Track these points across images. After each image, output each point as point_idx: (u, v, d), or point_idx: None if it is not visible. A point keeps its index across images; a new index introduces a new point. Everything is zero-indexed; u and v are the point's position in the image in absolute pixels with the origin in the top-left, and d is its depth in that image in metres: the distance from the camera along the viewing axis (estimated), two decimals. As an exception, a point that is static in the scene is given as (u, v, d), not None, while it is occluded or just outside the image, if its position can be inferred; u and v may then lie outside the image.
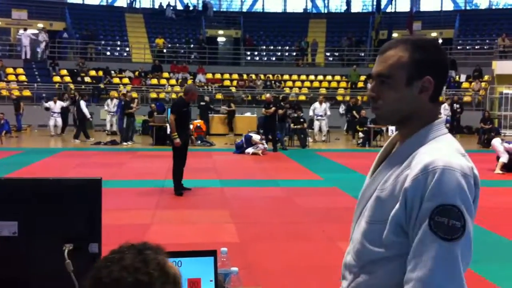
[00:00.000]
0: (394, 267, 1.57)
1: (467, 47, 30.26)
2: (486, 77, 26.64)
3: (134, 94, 22.06)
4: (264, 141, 16.29)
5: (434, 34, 31.56)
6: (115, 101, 21.63)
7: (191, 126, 9.98)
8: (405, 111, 1.64)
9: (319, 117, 20.21)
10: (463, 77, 27.53)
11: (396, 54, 1.63)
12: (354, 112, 21.06)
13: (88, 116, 19.78)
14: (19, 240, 2.21)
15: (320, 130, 20.30)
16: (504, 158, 12.51)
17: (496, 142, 13.14)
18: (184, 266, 2.12)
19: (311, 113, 20.42)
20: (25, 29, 28.16)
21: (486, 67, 26.58)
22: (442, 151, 1.55)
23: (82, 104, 19.37)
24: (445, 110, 21.46)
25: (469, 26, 31.33)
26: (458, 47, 30.37)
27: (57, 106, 20.67)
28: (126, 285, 1.13)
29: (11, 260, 2.22)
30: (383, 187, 1.64)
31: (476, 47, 29.94)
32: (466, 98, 25.80)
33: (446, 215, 1.46)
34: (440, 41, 31.39)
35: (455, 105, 22.66)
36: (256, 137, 16.18)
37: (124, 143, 17.96)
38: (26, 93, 24.90)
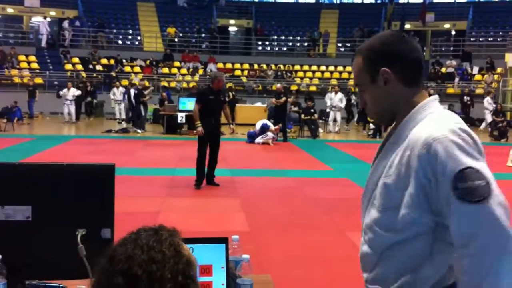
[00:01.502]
0: (413, 248, 1.60)
1: (480, 39, 29.98)
2: (499, 70, 26.41)
3: (146, 83, 22.05)
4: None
5: (447, 26, 31.31)
6: (121, 89, 21.72)
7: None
8: (387, 105, 1.74)
9: (334, 108, 20.07)
10: (475, 69, 27.31)
11: (356, 63, 1.77)
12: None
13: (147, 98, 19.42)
14: (33, 224, 2.23)
15: (335, 120, 20.17)
16: None
17: None
18: (195, 253, 2.11)
19: (328, 103, 20.24)
20: (45, 17, 28.25)
21: (499, 59, 26.33)
22: (435, 124, 1.60)
23: (132, 92, 19.46)
24: (489, 105, 21.14)
25: (483, 18, 31.02)
26: (471, 39, 30.10)
27: (70, 93, 20.70)
28: (139, 262, 1.16)
29: (25, 244, 2.24)
30: (388, 173, 1.67)
31: (489, 39, 29.66)
32: (479, 91, 25.60)
33: (467, 179, 1.46)
34: (453, 32, 31.15)
35: (465, 97, 22.48)
36: (272, 127, 16.16)
37: (138, 131, 18.08)
38: (38, 80, 25.01)
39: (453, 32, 31.31)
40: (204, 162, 8.86)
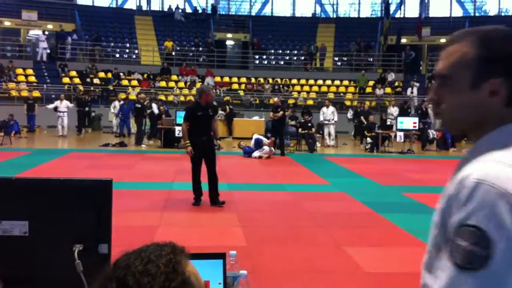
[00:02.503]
0: None
1: (476, 54, 30.15)
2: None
3: (144, 96, 22.10)
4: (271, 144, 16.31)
5: (443, 40, 31.48)
6: (116, 103, 21.89)
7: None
8: (472, 119, 1.34)
9: (326, 121, 20.19)
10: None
11: (459, 49, 1.35)
12: (362, 118, 21.01)
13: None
14: (30, 239, 2.22)
15: (329, 134, 20.27)
16: None
17: None
18: (193, 268, 2.12)
19: (321, 118, 20.39)
20: (43, 32, 28.36)
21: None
22: (490, 161, 1.26)
23: (154, 106, 19.49)
24: None
25: (478, 32, 31.22)
26: (467, 53, 30.23)
27: (63, 105, 20.64)
28: (133, 272, 1.17)
29: (22, 259, 2.23)
30: (438, 205, 1.38)
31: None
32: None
33: (466, 238, 1.18)
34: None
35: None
36: (265, 140, 16.21)
37: (143, 145, 18.13)
38: (36, 93, 25.03)
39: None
40: (199, 179, 8.52)
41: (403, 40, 31.49)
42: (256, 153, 15.70)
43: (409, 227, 7.48)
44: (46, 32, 28.95)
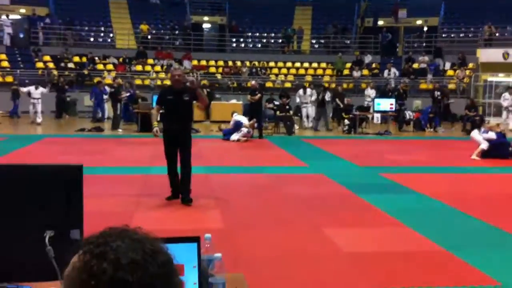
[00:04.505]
0: None
1: (452, 35, 30.36)
2: (470, 65, 26.78)
3: (120, 81, 21.82)
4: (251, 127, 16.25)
5: (419, 22, 31.63)
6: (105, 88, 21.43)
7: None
8: None
9: (304, 104, 20.19)
10: (447, 65, 27.66)
11: None
12: (337, 100, 20.99)
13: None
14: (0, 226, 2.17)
15: (307, 116, 20.28)
16: (484, 145, 12.64)
17: (474, 134, 13.40)
18: (167, 252, 2.09)
19: (297, 100, 20.39)
20: (7, 16, 27.76)
21: (471, 55, 26.70)
22: None
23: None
24: (505, 100, 21.30)
25: (454, 14, 31.41)
26: (443, 35, 30.46)
27: (37, 91, 20.13)
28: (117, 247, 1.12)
29: (-9, 247, 2.18)
30: None
31: (461, 35, 30.05)
32: (451, 86, 25.91)
33: None
34: (425, 28, 31.48)
35: (436, 92, 22.74)
36: (246, 123, 16.12)
37: (119, 130, 17.97)
38: (9, 79, 24.57)
39: (425, 28, 31.64)
40: (173, 171, 7.74)
41: (380, 22, 31.53)
42: (234, 136, 15.63)
43: (386, 207, 7.55)
44: (12, 17, 28.30)
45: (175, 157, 7.67)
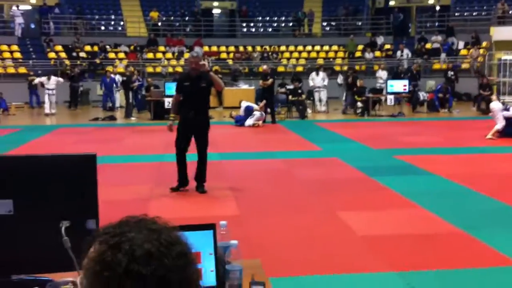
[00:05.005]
0: None
1: (465, 14, 29.96)
2: (484, 44, 26.45)
3: (132, 69, 21.79)
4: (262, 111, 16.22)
5: (431, 1, 31.23)
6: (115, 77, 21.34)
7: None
8: None
9: (317, 88, 20.07)
10: (461, 44, 27.33)
11: None
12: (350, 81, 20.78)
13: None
14: (15, 218, 2.18)
15: (320, 100, 20.16)
16: (499, 125, 12.41)
17: (495, 105, 12.93)
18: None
19: (310, 83, 20.24)
20: (17, 6, 27.84)
21: (484, 33, 26.35)
22: None
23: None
24: None
25: (467, -8, 31.00)
26: (456, 14, 30.07)
27: (51, 82, 19.94)
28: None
29: (8, 238, 2.19)
30: None
31: (474, 14, 29.65)
32: (464, 65, 25.64)
33: None
34: (438, 8, 31.08)
35: (449, 72, 22.50)
36: (256, 106, 16.12)
37: (132, 118, 18.01)
38: (22, 70, 24.71)
39: (437, 8, 31.24)
40: (182, 161, 7.57)
41: (391, 3, 31.20)
42: (248, 121, 15.60)
43: (401, 189, 7.51)
44: (22, 7, 28.37)
45: (187, 145, 7.51)
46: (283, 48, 28.74)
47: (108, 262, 1.06)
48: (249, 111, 15.88)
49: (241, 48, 28.18)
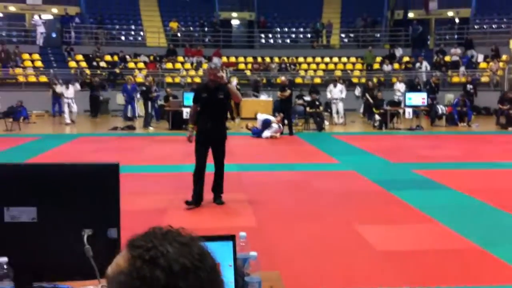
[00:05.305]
0: None
1: (484, 27, 29.77)
2: (504, 57, 26.24)
3: (151, 79, 21.95)
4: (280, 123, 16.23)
5: (450, 14, 31.09)
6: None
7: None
8: None
9: (334, 99, 20.04)
10: (480, 57, 27.14)
11: None
12: (367, 95, 20.81)
13: None
14: (39, 225, 2.21)
15: (337, 112, 20.13)
16: None
17: None
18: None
19: (328, 95, 20.24)
20: (39, 16, 28.26)
21: (504, 46, 26.15)
22: None
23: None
24: None
25: (486, 4, 30.76)
26: (475, 27, 29.90)
27: (70, 91, 20.20)
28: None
29: (31, 245, 2.22)
30: None
31: (494, 26, 29.45)
32: (484, 79, 25.44)
33: None
34: (457, 20, 30.92)
35: (468, 85, 22.34)
36: (273, 119, 16.14)
37: (150, 128, 18.16)
38: (43, 78, 25.03)
39: (457, 20, 31.10)
40: (200, 176, 7.42)
41: (410, 15, 31.13)
42: (266, 133, 15.61)
43: (419, 204, 7.45)
44: (44, 17, 28.79)
45: (206, 157, 7.43)
46: (301, 59, 28.78)
47: (147, 278, 1.07)
48: (266, 124, 15.90)
49: (259, 59, 28.28)
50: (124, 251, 1.15)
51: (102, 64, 26.70)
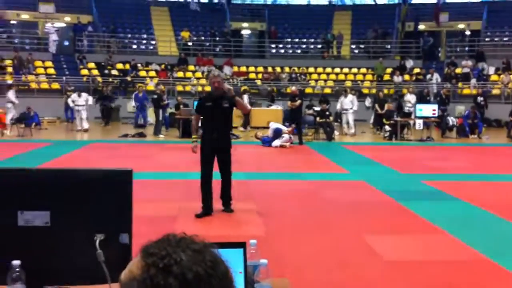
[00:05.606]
0: None
1: (495, 39, 29.70)
2: (515, 70, 26.13)
3: (163, 88, 22.04)
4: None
5: (461, 26, 31.05)
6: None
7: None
8: None
9: (344, 110, 20.04)
10: (491, 70, 27.06)
11: None
12: (377, 106, 20.79)
13: None
14: (52, 230, 2.23)
15: (347, 123, 20.11)
16: None
17: None
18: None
19: (338, 106, 20.26)
20: (52, 24, 28.53)
21: (516, 59, 26.06)
22: None
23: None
24: None
25: (497, 17, 30.72)
26: (486, 39, 29.84)
27: (81, 99, 20.32)
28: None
29: (44, 249, 2.25)
30: None
31: (505, 39, 29.37)
32: (495, 91, 25.34)
33: None
34: (468, 32, 30.88)
35: (479, 98, 22.25)
36: (285, 129, 16.17)
37: (161, 136, 18.25)
38: (55, 86, 25.23)
39: (467, 32, 31.05)
40: (208, 186, 7.33)
41: (421, 27, 31.12)
42: (277, 142, 15.63)
43: (429, 215, 7.43)
44: (57, 25, 29.06)
45: (212, 166, 7.32)
46: (311, 69, 28.83)
47: (160, 285, 1.10)
48: (277, 133, 15.92)
49: (269, 69, 28.36)
50: (138, 257, 1.17)
51: (114, 72, 26.87)
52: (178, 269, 1.10)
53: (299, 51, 31.74)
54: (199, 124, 7.72)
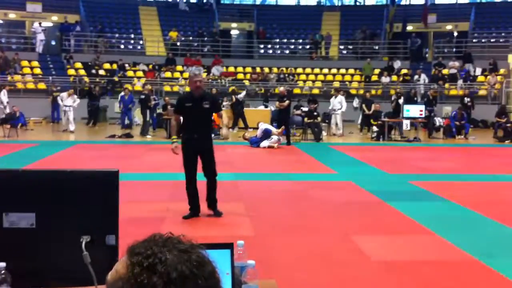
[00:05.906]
0: None
1: (483, 40, 29.93)
2: (502, 71, 26.36)
3: (150, 88, 21.96)
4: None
5: (449, 27, 31.26)
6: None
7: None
8: None
9: (333, 111, 20.10)
10: (478, 71, 27.26)
11: None
12: (364, 106, 20.86)
13: None
14: (37, 231, 2.22)
15: (336, 124, 20.16)
16: None
17: None
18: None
19: (330, 107, 20.31)
20: (39, 23, 28.32)
21: (502, 60, 26.28)
22: None
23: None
24: None
25: (485, 18, 30.98)
26: (474, 40, 30.06)
27: (68, 99, 20.08)
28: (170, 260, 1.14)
29: (29, 251, 2.23)
30: None
31: (492, 40, 29.62)
32: (482, 92, 25.53)
33: None
34: (455, 34, 31.09)
35: (466, 98, 22.42)
36: (274, 130, 16.17)
37: (148, 136, 18.19)
38: (41, 86, 25.05)
39: (455, 33, 31.27)
40: (193, 187, 7.16)
41: (409, 28, 31.28)
42: (265, 143, 15.62)
43: (416, 216, 7.46)
44: (44, 24, 28.86)
45: (195, 167, 7.16)
46: (299, 70, 28.88)
47: (144, 284, 1.09)
48: (266, 134, 15.90)
49: (258, 69, 28.36)
50: (124, 257, 1.16)
51: (101, 72, 26.74)
52: (163, 268, 1.09)
53: (287, 51, 31.79)
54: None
